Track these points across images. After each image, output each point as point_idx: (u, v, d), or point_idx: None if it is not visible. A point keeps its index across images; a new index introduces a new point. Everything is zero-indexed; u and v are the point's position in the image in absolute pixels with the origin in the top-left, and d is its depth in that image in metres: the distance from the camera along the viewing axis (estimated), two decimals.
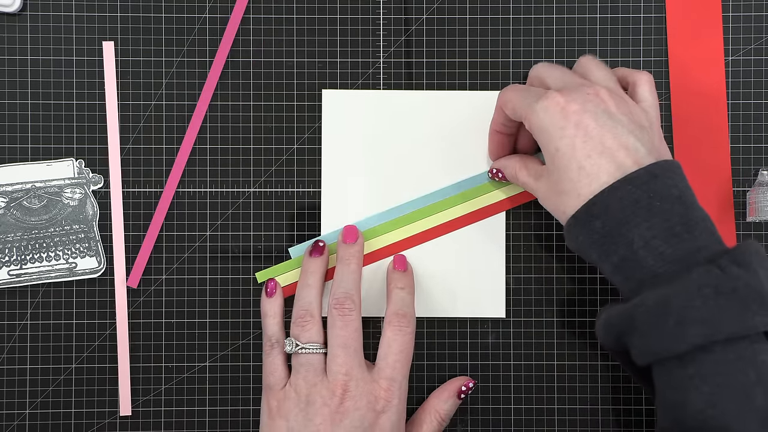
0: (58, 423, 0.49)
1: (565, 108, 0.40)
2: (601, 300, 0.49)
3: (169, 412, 0.49)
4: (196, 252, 0.49)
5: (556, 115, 0.40)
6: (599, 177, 0.39)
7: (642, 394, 0.49)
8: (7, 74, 0.49)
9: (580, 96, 0.40)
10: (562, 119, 0.40)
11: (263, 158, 0.49)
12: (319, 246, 0.47)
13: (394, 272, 0.48)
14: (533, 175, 0.44)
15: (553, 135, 0.40)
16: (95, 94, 0.49)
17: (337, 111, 0.49)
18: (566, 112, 0.40)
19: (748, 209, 0.49)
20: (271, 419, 0.44)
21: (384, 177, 0.49)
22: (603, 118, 0.40)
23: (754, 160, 0.50)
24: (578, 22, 0.50)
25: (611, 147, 0.39)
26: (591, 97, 0.40)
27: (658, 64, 0.50)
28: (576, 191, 0.40)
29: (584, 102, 0.40)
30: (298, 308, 0.45)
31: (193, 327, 0.49)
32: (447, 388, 0.48)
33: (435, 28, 0.50)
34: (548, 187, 0.42)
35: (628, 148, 0.39)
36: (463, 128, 0.49)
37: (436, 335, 0.49)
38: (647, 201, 0.38)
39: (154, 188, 0.49)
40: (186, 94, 0.49)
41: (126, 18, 0.49)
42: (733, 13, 0.49)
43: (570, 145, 0.40)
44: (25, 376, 0.49)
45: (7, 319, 0.49)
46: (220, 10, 0.49)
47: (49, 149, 0.49)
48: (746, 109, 0.49)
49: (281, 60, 0.49)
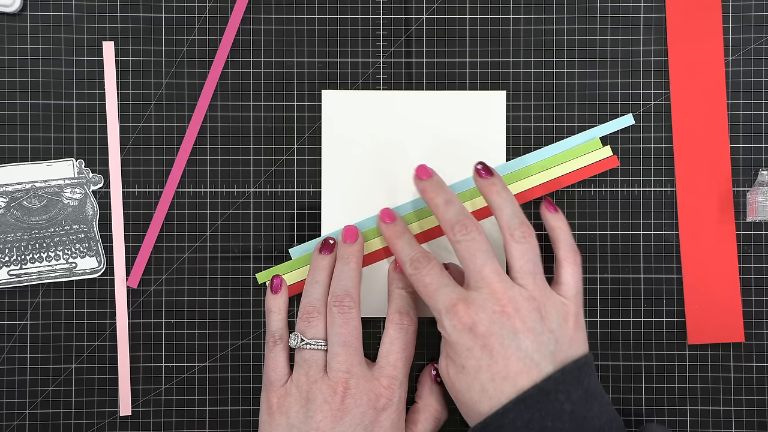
0: (58, 423, 0.49)
1: (472, 329, 0.41)
2: (601, 299, 0.49)
3: (169, 412, 0.49)
4: (196, 252, 0.49)
5: (463, 335, 0.42)
6: (500, 399, 0.41)
7: (640, 394, 0.49)
8: (7, 74, 0.49)
9: (486, 315, 0.41)
10: (469, 339, 0.41)
11: (263, 158, 0.49)
12: (329, 243, 0.47)
13: (396, 273, 0.48)
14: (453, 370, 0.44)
15: (461, 353, 0.42)
16: (95, 94, 0.49)
17: (336, 111, 0.49)
18: (474, 333, 0.41)
19: (748, 209, 0.49)
20: (271, 416, 0.44)
21: (384, 177, 0.49)
22: (509, 338, 0.41)
23: (754, 160, 0.50)
24: (578, 22, 0.50)
25: (515, 370, 0.41)
26: (497, 316, 0.41)
27: (658, 64, 0.50)
28: (476, 408, 0.41)
29: (491, 323, 0.41)
30: (305, 304, 0.45)
31: (193, 327, 0.49)
32: (424, 381, 0.48)
33: (435, 28, 0.50)
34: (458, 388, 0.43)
35: (529, 367, 0.41)
36: (463, 128, 0.49)
37: (436, 335, 0.49)
38: (539, 421, 0.40)
39: (154, 188, 0.49)
40: (186, 94, 0.49)
41: (126, 18, 0.49)
42: (733, 13, 0.49)
43: (476, 367, 0.41)
44: (25, 376, 0.49)
45: (7, 319, 0.49)
46: (220, 10, 0.49)
47: (49, 149, 0.49)
48: (746, 109, 0.49)
49: (281, 60, 0.49)
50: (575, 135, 0.49)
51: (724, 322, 0.49)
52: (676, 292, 0.49)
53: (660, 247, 0.49)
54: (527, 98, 0.49)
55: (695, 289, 0.49)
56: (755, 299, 0.49)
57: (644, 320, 0.49)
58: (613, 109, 0.49)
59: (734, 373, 0.49)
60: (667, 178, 0.49)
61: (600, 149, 0.49)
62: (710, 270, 0.49)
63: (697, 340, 0.49)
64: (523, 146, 0.49)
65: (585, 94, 0.49)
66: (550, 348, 0.41)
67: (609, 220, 0.49)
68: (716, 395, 0.49)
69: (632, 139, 0.49)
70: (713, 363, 0.49)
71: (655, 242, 0.49)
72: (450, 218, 0.44)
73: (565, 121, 0.49)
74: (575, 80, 0.49)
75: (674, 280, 0.49)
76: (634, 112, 0.49)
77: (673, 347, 0.49)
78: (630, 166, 0.49)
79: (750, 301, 0.49)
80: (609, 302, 0.49)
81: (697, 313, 0.49)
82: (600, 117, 0.49)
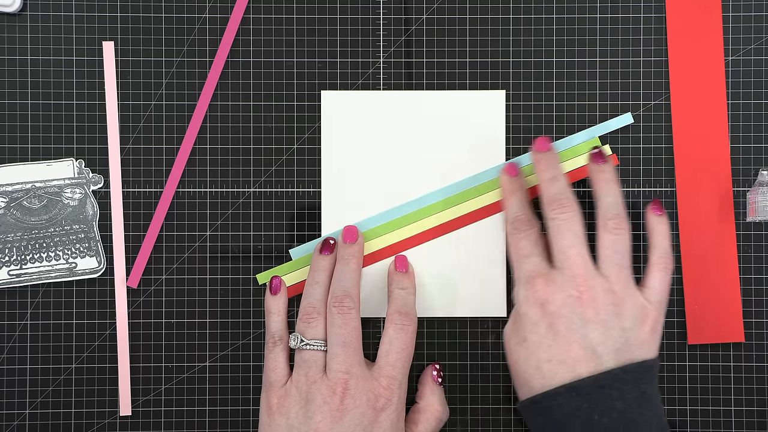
0: (58, 423, 0.49)
1: (543, 305, 0.42)
2: None
3: (169, 412, 0.49)
4: (196, 252, 0.49)
5: (533, 309, 0.42)
6: (552, 380, 0.41)
7: None
8: (7, 74, 0.49)
9: (561, 296, 0.42)
10: (538, 314, 0.42)
11: (263, 158, 0.49)
12: (330, 244, 0.47)
13: (396, 273, 0.48)
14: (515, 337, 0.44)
15: (526, 325, 0.42)
16: (95, 94, 0.49)
17: (336, 112, 0.49)
18: (544, 309, 0.42)
19: (748, 209, 0.49)
20: (271, 417, 0.44)
21: (384, 177, 0.49)
22: (576, 324, 0.41)
23: (754, 160, 0.50)
24: (578, 22, 0.50)
25: (574, 357, 0.41)
26: (571, 300, 0.42)
27: (658, 64, 0.50)
28: (528, 383, 0.42)
29: (563, 305, 0.42)
30: (305, 304, 0.45)
31: (193, 327, 0.49)
32: (425, 382, 0.48)
33: (435, 28, 0.50)
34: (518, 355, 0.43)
35: (589, 358, 0.41)
36: (463, 128, 0.49)
37: (436, 335, 0.49)
38: (587, 412, 0.40)
39: (154, 188, 0.49)
40: (186, 94, 0.49)
41: (126, 18, 0.49)
42: (733, 13, 0.49)
43: (536, 343, 0.42)
44: (25, 376, 0.49)
45: (7, 319, 0.49)
46: (220, 10, 0.49)
47: (49, 149, 0.49)
48: (746, 109, 0.49)
49: (281, 60, 0.49)
50: (575, 134, 0.49)
51: (724, 322, 0.49)
52: (676, 292, 0.49)
53: None
54: (527, 98, 0.49)
55: (695, 289, 0.49)
56: (755, 299, 0.49)
57: None
58: (612, 109, 0.49)
59: (734, 373, 0.49)
60: (667, 178, 0.49)
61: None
62: (710, 270, 0.49)
63: (697, 340, 0.49)
64: (523, 146, 0.49)
65: (585, 94, 0.49)
66: (617, 345, 0.41)
67: None
68: (716, 395, 0.49)
69: (632, 139, 0.49)
70: (713, 363, 0.49)
71: None
72: (551, 195, 0.44)
73: (565, 121, 0.49)
74: (575, 80, 0.49)
75: (674, 280, 0.49)
76: (633, 112, 0.49)
77: (673, 347, 0.49)
78: (630, 166, 0.49)
79: (750, 301, 0.49)
80: None
81: (697, 313, 0.49)
82: (600, 117, 0.49)
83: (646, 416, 0.40)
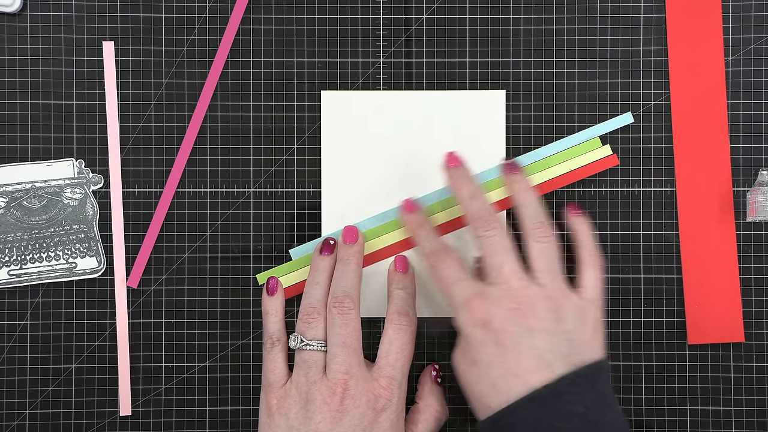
0: (58, 423, 0.49)
1: (486, 324, 0.42)
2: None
3: (169, 412, 0.49)
4: (196, 252, 0.49)
5: (477, 329, 0.42)
6: (508, 395, 0.41)
7: (640, 394, 0.49)
8: (7, 74, 0.49)
9: (501, 311, 0.42)
10: (482, 334, 0.42)
11: (263, 158, 0.49)
12: (330, 244, 0.47)
13: (396, 273, 0.48)
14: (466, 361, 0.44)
15: (474, 346, 0.42)
16: (95, 94, 0.49)
17: (336, 112, 0.49)
18: (487, 328, 0.42)
19: (748, 209, 0.49)
20: (270, 417, 0.44)
21: (384, 177, 0.49)
22: (522, 336, 0.41)
23: (754, 160, 0.50)
24: (578, 22, 0.50)
25: (526, 368, 0.41)
26: (512, 313, 0.41)
27: (658, 64, 0.50)
28: (486, 402, 0.42)
29: (505, 320, 0.41)
30: (305, 305, 0.45)
31: (193, 327, 0.49)
32: (424, 382, 0.48)
33: (435, 28, 0.50)
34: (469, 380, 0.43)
35: (541, 367, 0.40)
36: (463, 128, 0.49)
37: (436, 335, 0.49)
38: (549, 421, 0.39)
39: (154, 188, 0.49)
40: (186, 94, 0.49)
41: (126, 18, 0.49)
42: (733, 13, 0.49)
43: (487, 362, 0.41)
44: (25, 376, 0.49)
45: (7, 319, 0.49)
46: (220, 10, 0.49)
47: (49, 149, 0.49)
48: (746, 109, 0.49)
49: (281, 60, 0.49)
50: (575, 134, 0.49)
51: (724, 322, 0.49)
52: (676, 292, 0.49)
53: (660, 247, 0.49)
54: (527, 98, 0.49)
55: (695, 289, 0.49)
56: (755, 299, 0.49)
57: (644, 320, 0.49)
58: (613, 109, 0.49)
59: (734, 373, 0.49)
60: (667, 178, 0.49)
61: (599, 148, 0.49)
62: (710, 270, 0.49)
63: (697, 340, 0.49)
64: (523, 146, 0.49)
65: (585, 94, 0.49)
66: (563, 349, 0.41)
67: (609, 220, 0.49)
68: (716, 395, 0.49)
69: (632, 138, 0.49)
70: (713, 363, 0.49)
71: (655, 242, 0.49)
72: (473, 213, 0.44)
73: (565, 121, 0.49)
74: (575, 80, 0.49)
75: (674, 280, 0.49)
76: (633, 112, 0.49)
77: (673, 347, 0.49)
78: (630, 166, 0.49)
79: (750, 301, 0.49)
80: (609, 302, 0.49)
81: (697, 313, 0.49)
82: (600, 117, 0.49)
83: (608, 417, 0.40)
